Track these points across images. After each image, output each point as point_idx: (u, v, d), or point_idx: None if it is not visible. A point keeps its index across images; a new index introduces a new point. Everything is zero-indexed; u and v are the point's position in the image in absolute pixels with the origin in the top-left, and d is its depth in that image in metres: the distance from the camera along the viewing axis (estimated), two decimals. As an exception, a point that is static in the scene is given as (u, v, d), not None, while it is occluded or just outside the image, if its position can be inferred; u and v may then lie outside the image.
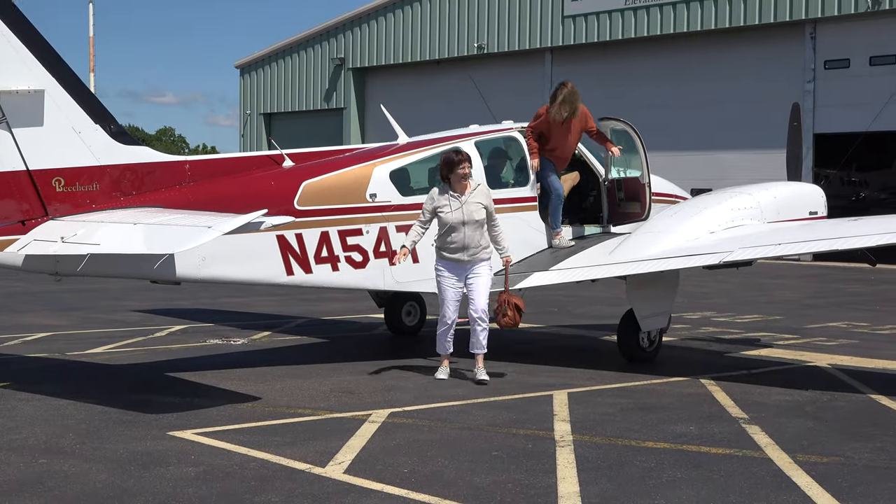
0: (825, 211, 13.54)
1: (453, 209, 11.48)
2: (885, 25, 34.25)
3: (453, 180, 11.54)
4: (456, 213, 11.46)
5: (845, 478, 7.82)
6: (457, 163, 11.51)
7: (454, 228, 11.46)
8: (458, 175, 11.51)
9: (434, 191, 11.71)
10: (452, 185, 11.55)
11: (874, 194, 43.29)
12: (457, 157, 11.57)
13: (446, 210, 11.48)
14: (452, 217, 11.46)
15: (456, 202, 11.50)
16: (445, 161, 11.63)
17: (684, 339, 15.29)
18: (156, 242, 10.10)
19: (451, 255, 11.54)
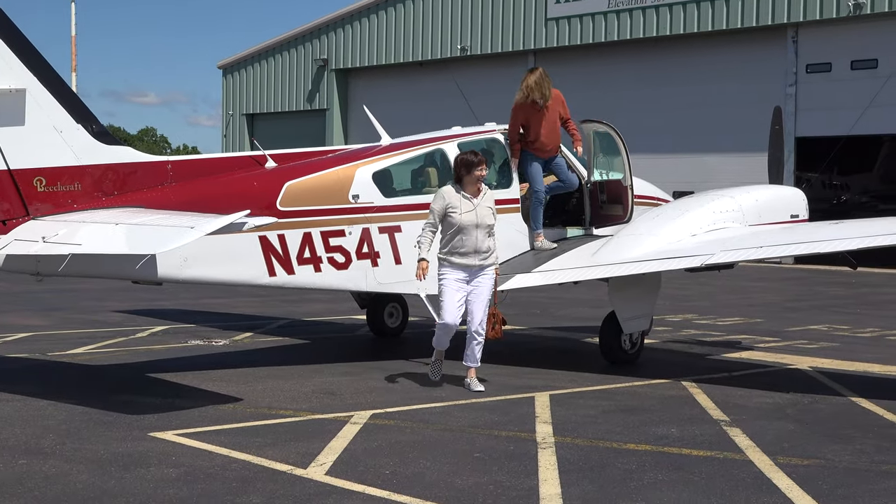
0: (806, 214, 13.59)
1: (465, 211, 11.03)
2: (867, 30, 34.40)
3: (468, 182, 11.13)
4: (469, 215, 11.01)
5: (826, 480, 7.86)
6: (475, 164, 11.10)
7: (466, 231, 11.00)
8: (474, 177, 11.10)
9: (444, 191, 11.24)
10: (465, 187, 11.14)
11: (855, 198, 43.46)
12: (475, 158, 11.16)
13: (458, 211, 11.01)
14: (465, 219, 11.00)
15: (469, 204, 11.07)
16: (463, 162, 11.19)
17: (666, 342, 15.33)
18: (138, 243, 10.07)
19: (460, 260, 11.05)
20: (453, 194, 11.13)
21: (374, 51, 47.60)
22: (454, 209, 11.02)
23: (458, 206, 11.04)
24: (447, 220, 11.06)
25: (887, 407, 10.53)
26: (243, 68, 53.61)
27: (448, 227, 11.07)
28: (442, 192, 11.21)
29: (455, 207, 11.03)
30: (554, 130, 13.32)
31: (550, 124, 13.25)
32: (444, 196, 11.14)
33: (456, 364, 12.78)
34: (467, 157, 11.24)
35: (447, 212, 11.04)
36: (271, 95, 52.35)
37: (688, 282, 23.22)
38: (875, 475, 8.02)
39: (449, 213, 11.03)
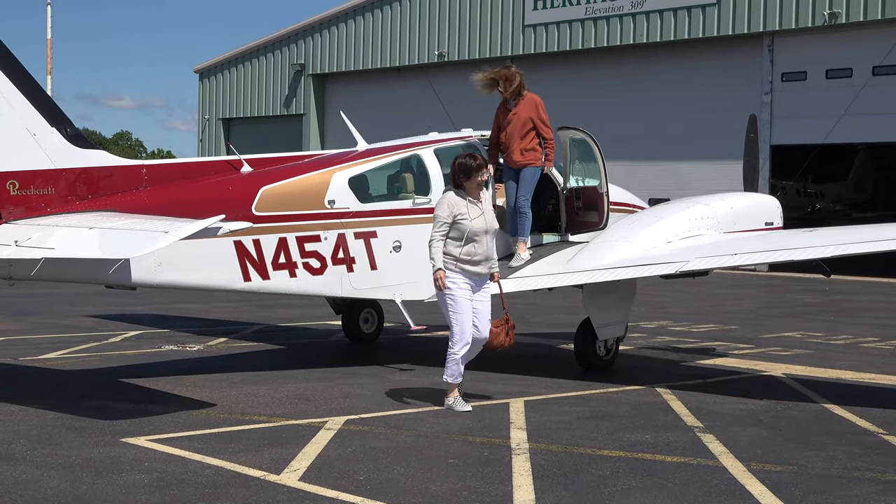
0: (781, 222, 13.64)
1: (475, 217, 10.38)
2: (842, 39, 34.63)
3: (470, 187, 10.48)
4: (478, 220, 10.39)
5: (798, 486, 7.88)
6: (475, 169, 10.45)
7: (477, 238, 10.36)
8: (476, 183, 10.49)
9: (448, 196, 10.51)
10: (469, 192, 10.49)
11: (830, 206, 43.74)
12: (474, 162, 10.49)
13: (468, 218, 10.33)
14: (475, 225, 10.34)
15: (477, 209, 10.44)
16: (462, 167, 10.49)
17: (641, 348, 15.36)
18: (111, 247, 10.01)
19: (473, 269, 10.38)
20: (459, 200, 10.44)
21: (352, 56, 47.60)
22: (463, 216, 10.34)
23: (466, 213, 10.37)
24: (456, 227, 10.34)
25: (860, 414, 10.58)
26: (220, 73, 53.50)
27: (458, 235, 10.35)
28: (447, 199, 10.47)
29: (464, 214, 10.35)
30: (519, 135, 12.92)
31: (516, 126, 12.89)
32: (450, 203, 10.42)
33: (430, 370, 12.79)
34: (466, 161, 10.54)
35: (456, 219, 10.32)
36: (248, 100, 52.25)
37: (663, 289, 23.28)
38: (847, 481, 8.06)
39: (458, 221, 10.32)
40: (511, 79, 12.89)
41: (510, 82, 12.86)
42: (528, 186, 12.92)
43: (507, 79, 12.88)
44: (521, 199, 12.92)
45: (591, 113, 36.86)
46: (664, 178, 36.92)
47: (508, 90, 12.88)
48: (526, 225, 12.96)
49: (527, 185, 12.91)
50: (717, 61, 37.26)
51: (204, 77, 54.40)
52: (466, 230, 10.33)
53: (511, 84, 12.87)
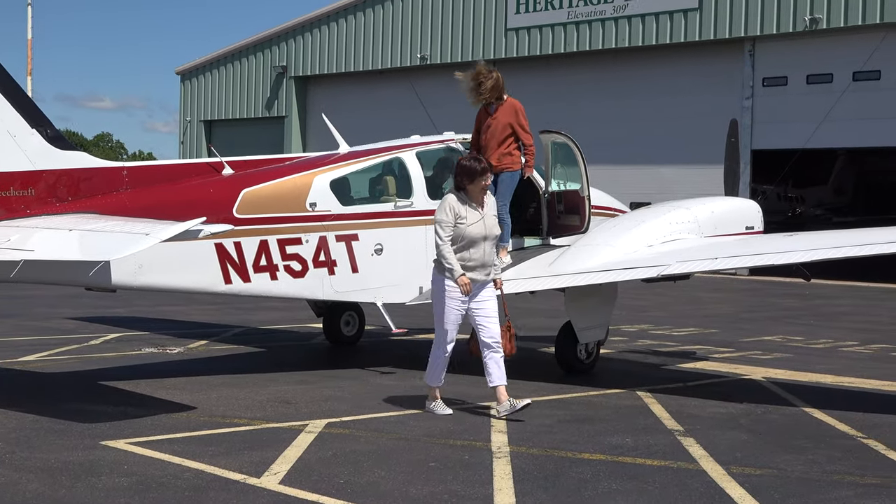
0: (762, 226, 13.71)
1: (473, 221, 10.21)
2: (822, 45, 34.80)
3: (472, 191, 10.28)
4: (477, 226, 10.20)
5: (778, 489, 7.91)
6: (479, 172, 10.27)
7: (474, 243, 10.19)
8: (480, 186, 10.29)
9: (450, 199, 10.30)
10: (470, 196, 10.30)
11: (810, 210, 43.97)
12: (479, 166, 10.31)
13: (467, 222, 10.17)
14: (473, 230, 10.17)
15: (476, 214, 10.24)
16: (465, 170, 10.29)
17: (622, 352, 15.39)
18: (92, 249, 9.97)
19: (468, 274, 10.20)
20: (459, 204, 10.25)
21: (334, 58, 47.56)
22: (462, 220, 10.17)
23: (465, 217, 10.20)
24: (454, 231, 10.20)
25: (839, 417, 10.62)
26: (201, 74, 53.38)
27: (455, 238, 10.20)
28: (448, 202, 10.27)
29: (463, 217, 10.18)
30: (498, 140, 12.81)
31: (495, 130, 12.77)
32: (451, 206, 10.23)
33: (411, 373, 12.79)
34: (470, 164, 10.34)
35: (455, 222, 10.19)
36: (229, 102, 52.15)
37: (644, 292, 23.34)
38: (826, 485, 8.09)
39: (457, 224, 10.17)
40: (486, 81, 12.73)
41: (486, 85, 12.72)
42: (505, 192, 12.85)
43: (484, 81, 12.74)
44: (500, 204, 12.89)
45: (573, 116, 36.94)
46: (646, 182, 37.01)
47: (486, 92, 12.73)
48: (506, 230, 12.94)
49: (504, 190, 12.84)
50: (698, 66, 37.40)
51: (186, 79, 54.26)
52: (463, 235, 10.16)
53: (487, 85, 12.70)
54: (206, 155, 45.48)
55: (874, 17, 33.10)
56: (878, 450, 9.29)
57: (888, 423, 10.47)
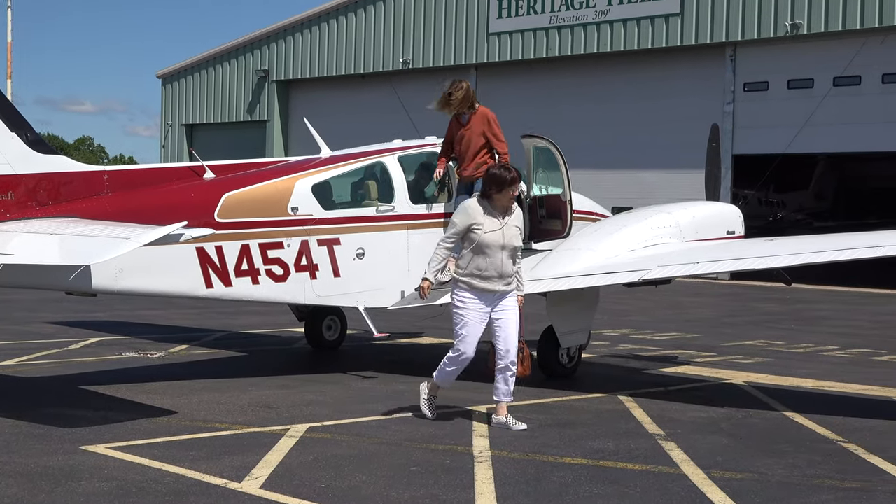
0: (743, 231, 13.74)
1: (491, 229, 9.87)
2: (803, 50, 34.99)
3: (499, 200, 9.97)
4: (494, 234, 9.86)
5: (759, 493, 7.93)
6: (508, 182, 9.91)
7: (490, 252, 9.85)
8: (508, 196, 9.98)
9: (469, 205, 10.04)
10: (495, 204, 9.98)
11: (791, 215, 44.14)
12: (508, 175, 9.95)
13: (483, 229, 9.85)
14: (490, 238, 9.83)
15: (495, 222, 9.91)
16: (494, 178, 9.96)
17: (603, 356, 15.41)
18: (72, 253, 9.94)
19: (482, 284, 9.91)
20: (478, 210, 9.96)
21: (316, 63, 47.55)
22: (478, 226, 9.87)
23: (482, 224, 9.89)
24: (468, 237, 9.91)
25: (819, 422, 10.66)
26: (183, 78, 53.30)
27: (470, 245, 9.93)
28: (467, 207, 10.03)
29: (479, 224, 9.88)
30: (472, 150, 12.74)
31: (468, 140, 12.76)
32: (468, 211, 9.96)
33: (393, 377, 12.78)
34: (500, 173, 9.99)
35: (471, 228, 9.87)
36: (211, 106, 52.08)
37: (625, 297, 23.36)
38: (807, 489, 8.11)
39: (472, 231, 9.87)
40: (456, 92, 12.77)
41: (456, 95, 12.75)
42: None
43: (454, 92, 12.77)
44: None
45: (554, 121, 37.03)
46: (627, 186, 37.11)
47: (456, 102, 12.75)
48: None
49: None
50: (680, 71, 37.54)
51: (167, 82, 54.17)
52: (481, 243, 9.86)
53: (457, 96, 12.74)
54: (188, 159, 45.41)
55: (854, 23, 33.29)
56: (857, 454, 9.32)
57: (868, 427, 10.52)
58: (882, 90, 33.66)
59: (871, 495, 7.97)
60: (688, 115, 36.07)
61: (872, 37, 33.26)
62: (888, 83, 33.56)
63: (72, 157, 12.21)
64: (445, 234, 10.10)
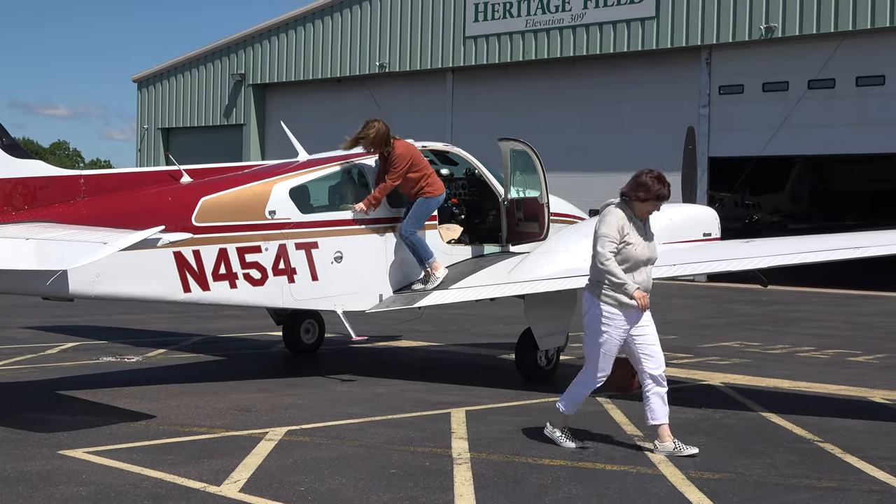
0: (719, 233, 13.80)
1: (639, 243, 9.12)
2: (778, 53, 35.18)
3: (642, 209, 9.22)
4: (642, 247, 9.13)
5: (736, 493, 7.97)
6: (663, 197, 9.23)
7: (638, 266, 9.11)
8: (654, 206, 9.26)
9: (615, 212, 9.20)
10: (637, 212, 9.21)
11: (767, 217, 44.38)
12: (663, 189, 9.22)
13: (633, 243, 9.08)
14: (639, 252, 9.09)
15: (641, 234, 9.17)
16: (644, 185, 9.20)
17: (581, 358, 15.38)
18: (48, 258, 9.89)
19: (630, 302, 9.07)
20: (626, 220, 9.15)
21: (292, 66, 47.50)
22: (629, 240, 9.07)
23: (630, 235, 9.10)
24: (619, 252, 9.08)
25: (796, 422, 10.72)
26: (159, 82, 53.13)
27: (618, 259, 9.08)
28: (616, 214, 9.17)
29: (630, 237, 9.08)
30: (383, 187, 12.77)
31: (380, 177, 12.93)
32: (618, 219, 9.12)
33: (371, 380, 12.78)
34: (651, 182, 9.22)
35: (622, 241, 9.06)
36: (187, 110, 51.93)
37: (603, 299, 23.38)
38: (784, 488, 8.16)
39: (625, 245, 9.06)
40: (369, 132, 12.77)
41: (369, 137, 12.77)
42: (415, 216, 12.82)
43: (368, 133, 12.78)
44: (404, 227, 12.81)
45: (531, 124, 37.13)
46: (604, 189, 36.92)
47: (369, 143, 12.81)
48: (420, 250, 12.82)
49: (414, 214, 12.82)
50: (655, 74, 37.68)
51: (143, 86, 53.98)
52: (628, 257, 9.07)
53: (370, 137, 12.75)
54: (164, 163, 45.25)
55: (829, 26, 33.50)
56: (833, 453, 9.38)
57: (844, 426, 10.59)
58: (856, 93, 33.89)
59: (847, 494, 8.03)
60: (663, 118, 36.20)
61: (846, 40, 33.49)
62: (862, 86, 33.79)
63: (47, 161, 12.13)
64: (605, 248, 9.01)
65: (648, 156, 36.30)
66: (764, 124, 35.03)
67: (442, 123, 41.46)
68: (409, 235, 12.82)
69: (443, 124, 41.43)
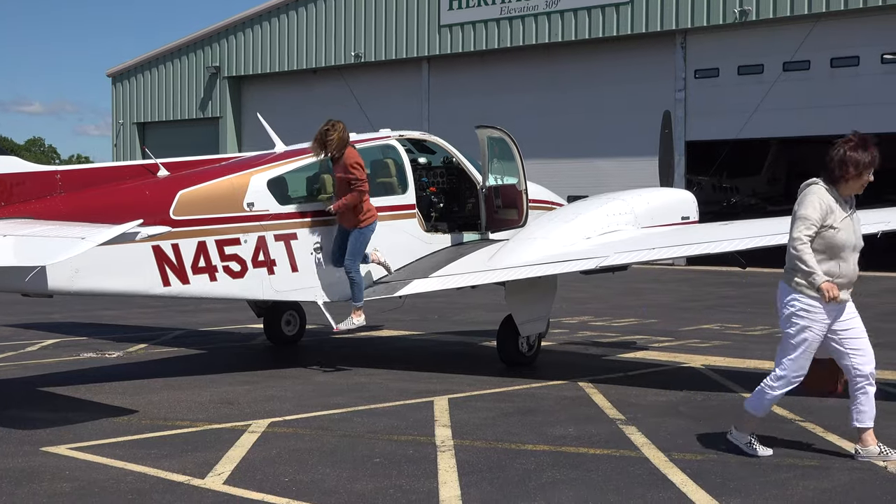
0: (697, 216, 13.86)
1: (843, 227, 8.19)
2: (753, 36, 35.25)
3: (848, 188, 8.28)
4: (846, 232, 8.19)
5: (719, 474, 8.01)
6: (867, 164, 8.17)
7: (842, 254, 8.21)
8: (861, 182, 8.26)
9: (820, 192, 8.25)
10: (843, 192, 8.29)
11: (744, 200, 44.51)
12: (868, 156, 8.20)
13: (837, 226, 8.16)
14: (843, 238, 8.17)
15: (846, 216, 8.23)
16: (852, 160, 8.18)
17: (563, 344, 15.49)
18: (26, 254, 9.84)
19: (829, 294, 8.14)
20: (832, 200, 8.23)
21: (267, 58, 47.35)
22: (832, 223, 8.15)
23: (835, 217, 8.16)
24: (821, 236, 8.18)
25: (777, 402, 10.73)
26: (133, 76, 52.89)
27: (821, 247, 8.21)
28: (819, 194, 8.25)
29: (833, 220, 8.15)
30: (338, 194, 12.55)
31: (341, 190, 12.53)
32: (822, 200, 8.21)
33: (354, 371, 12.77)
34: (858, 154, 8.18)
35: (824, 225, 8.16)
36: (163, 104, 51.72)
37: (583, 284, 23.47)
38: (766, 468, 8.21)
39: (827, 228, 8.15)
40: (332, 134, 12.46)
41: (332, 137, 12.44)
42: (354, 249, 12.51)
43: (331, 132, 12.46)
44: (348, 263, 12.51)
45: (508, 111, 37.16)
46: (582, 175, 37.26)
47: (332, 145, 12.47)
48: (357, 290, 12.59)
49: (353, 247, 12.51)
50: (631, 59, 37.72)
51: (117, 81, 53.72)
52: (831, 243, 8.19)
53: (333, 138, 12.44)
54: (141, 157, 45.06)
55: (802, 9, 33.58)
56: (815, 432, 9.45)
57: (826, 406, 10.64)
58: (831, 74, 34.00)
59: (829, 472, 8.08)
60: (640, 102, 36.27)
61: (820, 21, 33.54)
62: (837, 67, 33.91)
63: (23, 158, 12.05)
64: (802, 232, 8.13)
65: (626, 141, 36.55)
66: (740, 107, 35.11)
67: (418, 112, 41.44)
68: (353, 272, 12.46)
69: (419, 113, 41.41)
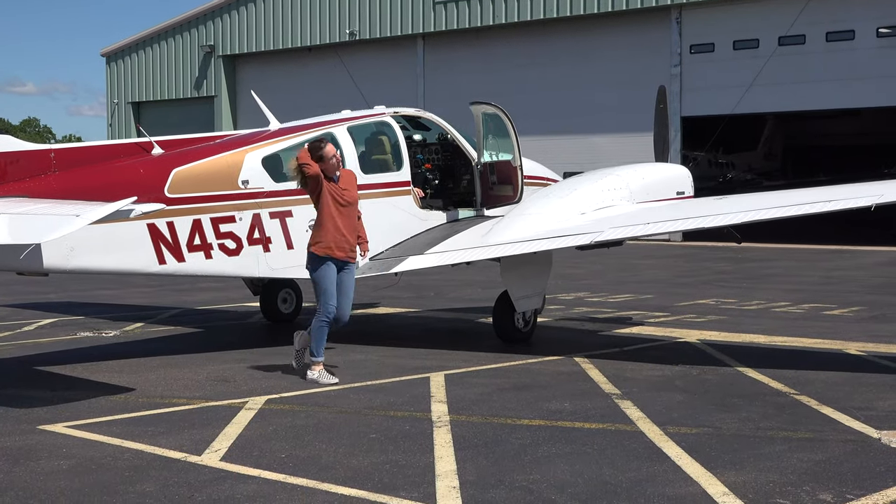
0: (692, 191, 13.87)
1: None
2: (748, 11, 35.19)
3: None
4: None
5: (713, 447, 8.05)
6: None
7: None
8: None
9: None
10: None
11: (740, 175, 44.52)
12: None
13: None
14: None
15: None
16: None
17: (559, 319, 15.51)
18: (21, 232, 9.82)
19: None
20: None
21: (262, 36, 47.21)
22: None
23: None
24: None
25: (772, 376, 10.81)
26: (128, 55, 52.72)
27: None
28: None
29: None
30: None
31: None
32: None
33: (350, 347, 12.80)
34: None
35: None
36: (157, 83, 51.58)
37: (579, 260, 23.52)
38: (760, 440, 8.24)
39: None
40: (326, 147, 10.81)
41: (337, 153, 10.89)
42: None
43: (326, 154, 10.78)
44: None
45: (503, 88, 37.07)
46: (577, 151, 37.25)
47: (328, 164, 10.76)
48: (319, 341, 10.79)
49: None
50: (626, 34, 37.66)
51: (111, 60, 53.57)
52: None
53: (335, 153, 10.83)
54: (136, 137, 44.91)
55: (798, -18, 33.52)
56: (810, 405, 9.48)
57: (820, 379, 10.69)
58: (826, 48, 33.97)
59: (823, 444, 8.12)
60: (635, 78, 36.24)
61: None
62: (832, 41, 33.86)
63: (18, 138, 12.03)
64: None
65: (621, 116, 36.52)
66: (735, 82, 35.10)
67: (413, 90, 41.33)
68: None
69: (414, 90, 41.30)
